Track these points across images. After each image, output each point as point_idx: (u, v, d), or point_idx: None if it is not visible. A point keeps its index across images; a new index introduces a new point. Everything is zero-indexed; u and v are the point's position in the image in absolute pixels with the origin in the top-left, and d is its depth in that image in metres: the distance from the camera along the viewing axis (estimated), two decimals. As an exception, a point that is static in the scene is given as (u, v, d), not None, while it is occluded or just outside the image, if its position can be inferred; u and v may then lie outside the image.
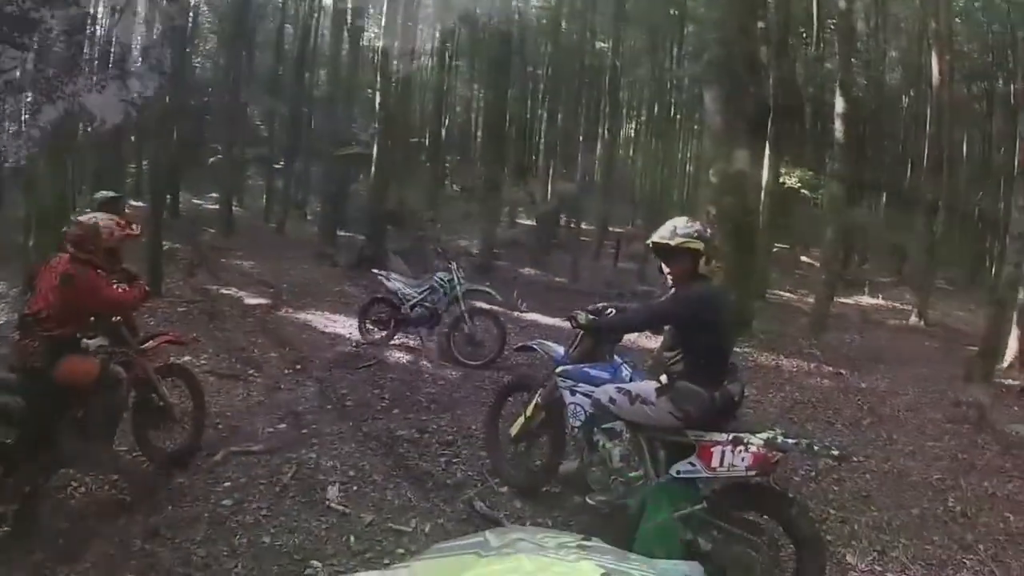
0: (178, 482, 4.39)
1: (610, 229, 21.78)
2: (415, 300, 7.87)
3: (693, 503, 3.47)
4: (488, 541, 1.07)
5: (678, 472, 3.45)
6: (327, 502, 4.31)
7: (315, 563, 3.67)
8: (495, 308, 8.71)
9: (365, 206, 15.93)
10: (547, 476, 4.48)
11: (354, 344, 8.11)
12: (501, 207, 21.16)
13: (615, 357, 4.14)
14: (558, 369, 4.18)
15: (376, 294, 8.84)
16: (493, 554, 0.99)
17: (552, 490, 4.54)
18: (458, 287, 7.74)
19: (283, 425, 5.55)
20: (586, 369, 4.05)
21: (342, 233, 16.61)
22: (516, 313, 10.11)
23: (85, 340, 4.11)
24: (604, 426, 3.73)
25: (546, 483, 4.53)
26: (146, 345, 4.42)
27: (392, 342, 8.09)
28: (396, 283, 8.08)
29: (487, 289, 8.44)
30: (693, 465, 3.40)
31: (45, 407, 3.66)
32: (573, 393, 4.02)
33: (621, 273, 16.65)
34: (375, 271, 9.05)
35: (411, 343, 8.18)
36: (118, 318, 4.25)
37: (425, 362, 7.53)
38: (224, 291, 10.41)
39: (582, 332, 4.10)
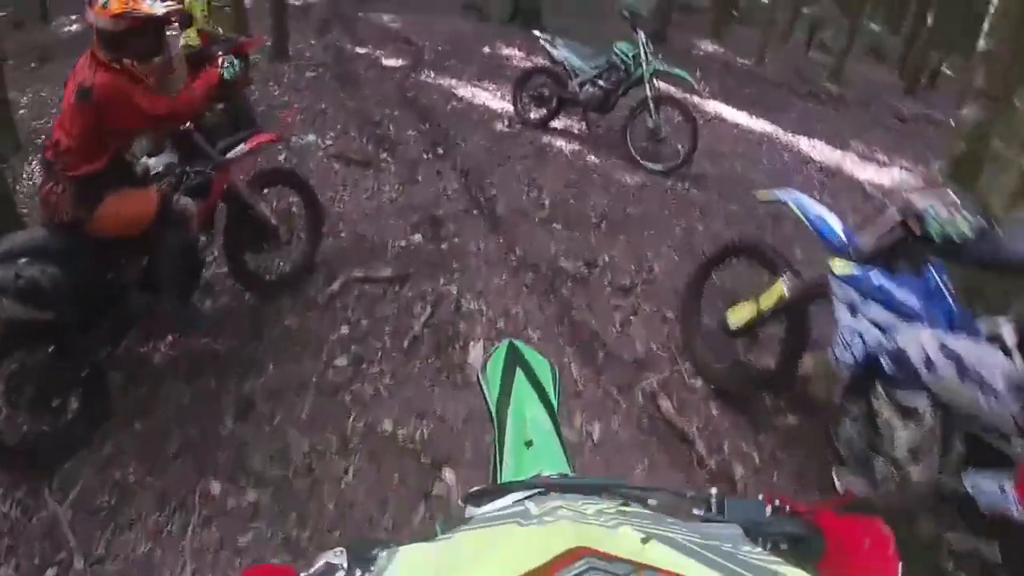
0: (284, 325, 3.50)
1: (804, 10, 17.48)
2: (587, 77, 6.14)
3: (975, 531, 2.24)
4: (528, 510, 0.82)
5: (972, 487, 2.10)
6: (467, 364, 3.33)
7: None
8: (683, 96, 6.76)
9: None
10: (765, 388, 3.19)
11: (506, 122, 6.67)
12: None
13: (930, 267, 2.37)
14: (837, 264, 2.49)
15: (538, 63, 7.09)
16: (534, 523, 0.75)
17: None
18: (644, 66, 5.84)
19: (418, 236, 4.49)
20: (886, 283, 2.36)
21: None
22: (696, 99, 8.01)
23: (144, 159, 2.99)
24: (897, 390, 2.25)
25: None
26: (230, 155, 3.20)
27: (551, 124, 6.58)
28: (564, 51, 6.29)
29: (682, 73, 6.04)
30: (1002, 491, 2.02)
31: (87, 271, 2.67)
32: (854, 311, 2.41)
33: (811, 64, 13.31)
34: (537, 32, 6.91)
35: (575, 130, 6.64)
36: (188, 124, 3.05)
37: (592, 158, 6.03)
38: (359, 50, 8.99)
39: (910, 236, 2.35)
